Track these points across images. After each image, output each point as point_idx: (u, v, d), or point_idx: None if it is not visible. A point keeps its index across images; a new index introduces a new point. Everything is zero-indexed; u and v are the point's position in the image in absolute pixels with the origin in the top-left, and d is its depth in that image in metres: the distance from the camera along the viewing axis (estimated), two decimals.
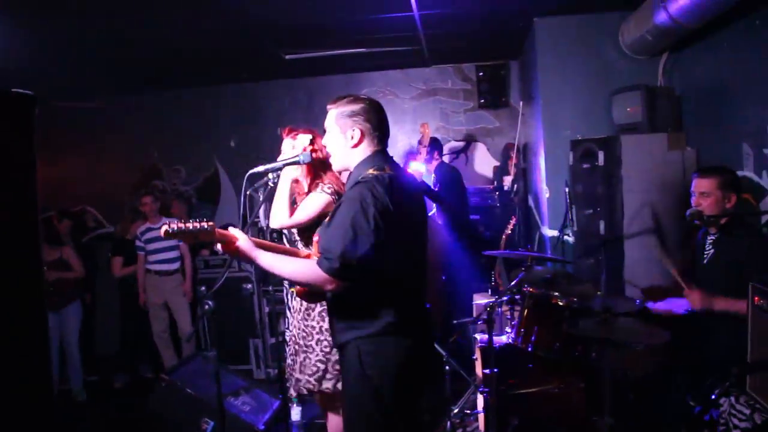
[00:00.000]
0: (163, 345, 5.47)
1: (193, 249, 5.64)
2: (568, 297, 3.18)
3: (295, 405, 4.31)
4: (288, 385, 3.21)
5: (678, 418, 2.72)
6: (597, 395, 3.00)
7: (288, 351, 3.12)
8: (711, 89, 3.92)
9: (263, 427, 3.76)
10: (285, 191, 2.93)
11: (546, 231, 5.06)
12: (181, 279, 5.44)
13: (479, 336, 3.75)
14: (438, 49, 5.71)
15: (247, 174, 2.44)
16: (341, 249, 1.92)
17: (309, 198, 2.91)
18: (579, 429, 3.20)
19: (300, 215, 2.88)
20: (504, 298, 3.60)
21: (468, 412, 3.98)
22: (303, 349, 2.93)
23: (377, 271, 1.99)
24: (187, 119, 6.77)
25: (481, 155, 6.50)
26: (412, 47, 5.49)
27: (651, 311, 3.13)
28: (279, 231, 3.19)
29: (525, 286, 3.37)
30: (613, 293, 3.63)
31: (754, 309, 2.30)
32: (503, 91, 6.30)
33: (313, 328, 2.90)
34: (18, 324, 1.61)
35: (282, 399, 3.58)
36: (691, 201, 2.89)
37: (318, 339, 2.88)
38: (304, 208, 2.89)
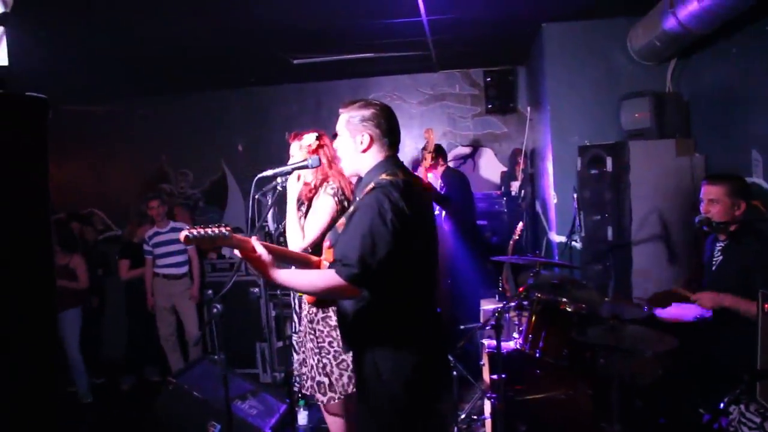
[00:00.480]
0: (170, 348, 5.47)
1: (201, 253, 5.65)
2: (576, 303, 3.17)
3: (302, 409, 4.31)
4: (295, 388, 3.21)
5: (687, 426, 2.71)
6: (605, 402, 2.99)
7: (294, 355, 3.12)
8: (719, 95, 3.90)
9: (270, 431, 3.77)
10: (293, 214, 2.93)
11: (553, 237, 5.05)
12: (189, 283, 5.45)
13: (487, 341, 3.74)
14: (446, 55, 5.72)
15: (256, 178, 2.45)
16: (360, 255, 1.90)
17: (314, 209, 2.93)
18: None
19: (312, 232, 2.88)
20: (512, 303, 3.61)
21: (475, 417, 3.97)
22: (312, 354, 2.93)
23: (395, 277, 1.98)
24: (195, 123, 6.81)
25: (489, 161, 6.50)
26: (420, 52, 5.51)
27: (659, 318, 3.12)
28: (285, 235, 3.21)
29: (533, 291, 3.37)
30: (621, 299, 3.62)
31: (764, 316, 2.29)
32: (511, 97, 6.31)
33: (321, 332, 2.90)
34: (27, 325, 1.61)
35: (289, 403, 3.57)
36: (700, 208, 2.88)
37: (329, 342, 2.88)
38: (313, 222, 2.89)
